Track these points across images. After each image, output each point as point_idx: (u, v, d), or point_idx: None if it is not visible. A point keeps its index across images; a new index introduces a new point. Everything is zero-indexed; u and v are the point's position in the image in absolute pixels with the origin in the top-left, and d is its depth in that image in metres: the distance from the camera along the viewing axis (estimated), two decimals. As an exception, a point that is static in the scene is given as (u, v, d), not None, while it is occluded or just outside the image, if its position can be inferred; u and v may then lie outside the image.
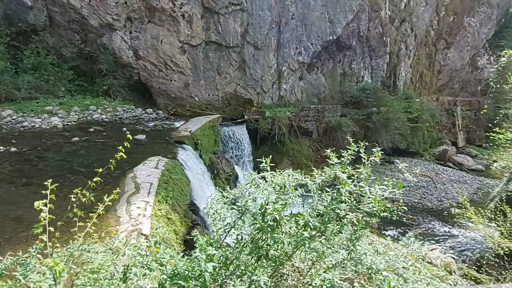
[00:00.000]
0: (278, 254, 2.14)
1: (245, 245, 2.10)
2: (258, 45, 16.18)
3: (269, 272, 2.15)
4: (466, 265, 10.45)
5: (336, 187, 2.50)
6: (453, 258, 10.00)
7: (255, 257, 2.07)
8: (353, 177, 2.61)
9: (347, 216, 2.32)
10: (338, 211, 2.28)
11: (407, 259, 3.01)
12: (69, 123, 11.47)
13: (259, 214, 2.14)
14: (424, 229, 13.94)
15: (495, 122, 12.39)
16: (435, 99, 25.83)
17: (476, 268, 9.42)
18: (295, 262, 2.66)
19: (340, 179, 2.50)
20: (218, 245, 2.25)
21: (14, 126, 10.51)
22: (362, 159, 2.58)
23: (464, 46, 25.44)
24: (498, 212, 8.97)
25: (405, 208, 2.63)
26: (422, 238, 13.37)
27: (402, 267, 2.57)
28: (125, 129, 11.55)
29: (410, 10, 21.70)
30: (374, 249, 2.69)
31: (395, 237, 13.13)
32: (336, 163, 2.69)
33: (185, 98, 15.83)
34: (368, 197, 2.33)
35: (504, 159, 12.09)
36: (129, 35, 14.99)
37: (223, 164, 13.46)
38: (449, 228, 14.13)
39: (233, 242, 2.28)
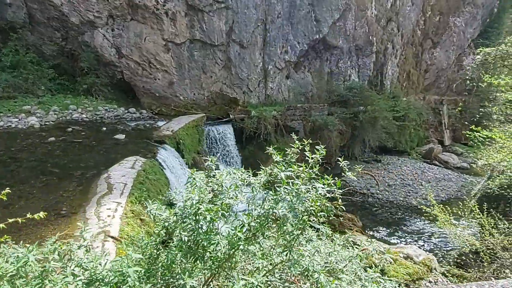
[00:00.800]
0: (215, 257, 2.03)
1: (181, 247, 1.97)
2: (244, 44, 16.05)
3: (207, 275, 2.04)
4: (445, 262, 10.54)
5: (276, 185, 2.40)
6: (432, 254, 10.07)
7: (192, 260, 1.95)
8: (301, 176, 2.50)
9: (285, 216, 2.22)
10: (276, 211, 2.17)
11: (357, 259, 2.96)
12: (47, 123, 11.17)
13: (192, 215, 2.02)
14: (408, 227, 14.01)
15: (474, 120, 12.48)
16: (422, 98, 26.06)
17: (457, 266, 9.47)
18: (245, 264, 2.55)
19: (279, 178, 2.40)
20: (160, 247, 2.13)
21: (-9, 126, 10.20)
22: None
23: (450, 46, 25.71)
24: (475, 210, 9.02)
25: (343, 207, 2.56)
26: (405, 236, 13.45)
27: (340, 269, 2.49)
28: (104, 128, 11.31)
29: (397, 10, 21.82)
30: (317, 249, 2.60)
31: (385, 236, 13.26)
32: (282, 161, 2.59)
33: (169, 97, 15.61)
34: (305, 196, 2.23)
35: (483, 158, 12.20)
36: (111, 32, 14.70)
37: (206, 164, 13.31)
38: (433, 226, 14.22)
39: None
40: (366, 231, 13.22)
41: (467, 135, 8.39)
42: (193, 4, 14.74)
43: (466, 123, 17.28)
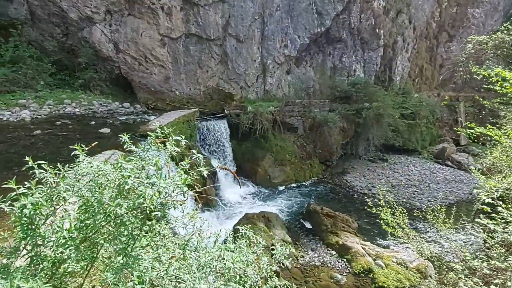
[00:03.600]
0: (53, 258, 1.89)
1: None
2: (241, 38, 15.79)
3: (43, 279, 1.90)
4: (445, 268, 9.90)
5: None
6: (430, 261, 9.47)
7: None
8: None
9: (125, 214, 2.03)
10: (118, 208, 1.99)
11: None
12: (38, 116, 11.45)
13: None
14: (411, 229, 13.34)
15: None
16: (436, 94, 24.80)
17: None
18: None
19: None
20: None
21: (-9, 119, 10.56)
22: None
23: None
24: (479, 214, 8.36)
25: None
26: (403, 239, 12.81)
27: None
28: (93, 122, 11.46)
29: (408, 1, 20.77)
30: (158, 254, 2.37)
31: (382, 238, 12.71)
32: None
33: (165, 92, 15.66)
34: (141, 192, 2.03)
35: (490, 158, 11.38)
36: (108, 28, 14.88)
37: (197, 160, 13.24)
38: (435, 229, 13.48)
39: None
40: (363, 233, 12.71)
41: (463, 133, 7.72)
42: (188, -2, 14.65)
43: (492, 121, 16.14)
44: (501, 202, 4.26)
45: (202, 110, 15.45)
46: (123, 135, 2.61)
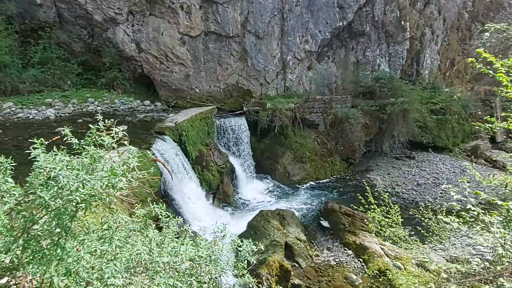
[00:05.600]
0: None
1: None
2: (260, 34, 15.67)
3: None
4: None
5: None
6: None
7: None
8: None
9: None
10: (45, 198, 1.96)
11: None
12: (62, 115, 11.97)
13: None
14: (432, 231, 12.67)
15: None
16: (469, 88, 23.40)
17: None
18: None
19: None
20: None
21: (11, 117, 11.19)
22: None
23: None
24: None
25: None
26: (426, 241, 12.26)
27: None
28: (112, 120, 11.78)
29: (437, -9, 19.72)
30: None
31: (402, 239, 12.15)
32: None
33: (185, 90, 15.86)
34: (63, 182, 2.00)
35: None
36: (131, 28, 15.27)
37: (214, 156, 13.30)
38: (462, 231, 12.73)
39: None
40: (381, 232, 12.23)
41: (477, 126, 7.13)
42: (207, -4, 14.72)
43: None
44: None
45: (221, 107, 15.51)
46: (64, 127, 2.63)
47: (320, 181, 15.90)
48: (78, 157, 2.53)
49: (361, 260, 9.86)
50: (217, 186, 13.08)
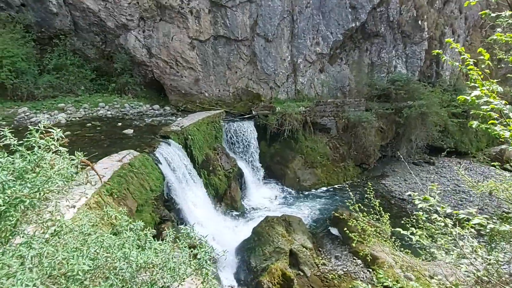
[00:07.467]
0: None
1: None
2: (269, 37, 15.47)
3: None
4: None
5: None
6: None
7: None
8: None
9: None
10: None
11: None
12: (73, 119, 12.21)
13: None
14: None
15: None
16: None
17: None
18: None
19: None
20: None
21: (24, 121, 11.51)
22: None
23: (534, 27, 21.25)
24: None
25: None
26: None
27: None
28: (120, 124, 11.92)
29: (458, -11, 18.84)
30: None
31: (418, 249, 11.51)
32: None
33: (195, 94, 15.86)
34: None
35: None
36: (142, 34, 15.49)
37: (222, 161, 13.13)
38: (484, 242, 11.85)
39: None
40: (397, 242, 11.63)
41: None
42: (216, 1, 14.70)
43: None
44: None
45: (230, 111, 15.38)
46: (4, 129, 2.48)
47: (332, 187, 15.39)
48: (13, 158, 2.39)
49: (370, 270, 9.37)
50: (224, 191, 12.89)
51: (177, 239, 3.34)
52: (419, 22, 17.15)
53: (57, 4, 14.32)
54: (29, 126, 2.57)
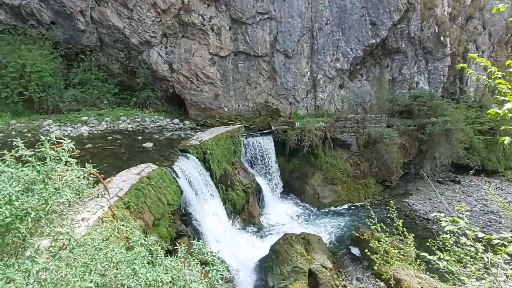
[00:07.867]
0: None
1: None
2: (289, 53, 15.54)
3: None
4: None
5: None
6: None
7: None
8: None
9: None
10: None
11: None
12: (95, 132, 12.43)
13: None
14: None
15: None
16: (523, 107, 21.29)
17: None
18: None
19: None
20: None
21: (48, 134, 11.78)
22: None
23: (562, 43, 20.61)
24: None
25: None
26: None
27: None
28: (140, 137, 12.03)
29: (480, 5, 18.52)
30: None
31: (445, 272, 10.87)
32: None
33: (214, 109, 15.96)
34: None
35: None
36: (164, 50, 15.85)
37: (240, 176, 12.99)
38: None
39: None
40: (423, 265, 11.03)
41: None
42: (236, 18, 14.96)
43: None
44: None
45: (249, 126, 15.34)
46: (17, 139, 2.42)
47: (352, 204, 14.93)
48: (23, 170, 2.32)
49: (394, 294, 8.84)
50: (242, 206, 12.69)
51: (189, 255, 3.19)
52: (441, 38, 16.89)
53: (85, 21, 14.88)
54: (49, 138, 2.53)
